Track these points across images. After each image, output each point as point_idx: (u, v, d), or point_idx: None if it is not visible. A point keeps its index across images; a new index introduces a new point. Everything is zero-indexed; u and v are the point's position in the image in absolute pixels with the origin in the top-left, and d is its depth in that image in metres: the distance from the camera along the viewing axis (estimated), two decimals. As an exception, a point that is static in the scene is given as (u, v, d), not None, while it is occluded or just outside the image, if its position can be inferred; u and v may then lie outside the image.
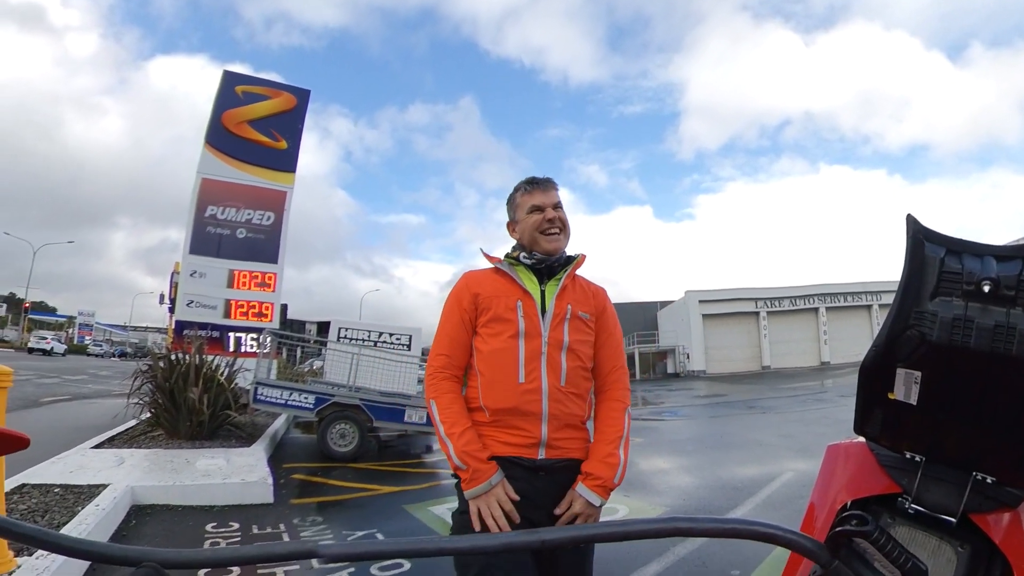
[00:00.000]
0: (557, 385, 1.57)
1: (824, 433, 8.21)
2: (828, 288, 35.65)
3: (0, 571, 2.65)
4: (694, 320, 34.60)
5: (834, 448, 0.92)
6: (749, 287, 35.96)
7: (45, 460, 5.23)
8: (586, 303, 1.70)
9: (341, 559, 0.62)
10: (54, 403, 11.87)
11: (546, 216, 1.69)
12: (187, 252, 10.51)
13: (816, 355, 34.70)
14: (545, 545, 0.62)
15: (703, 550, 3.42)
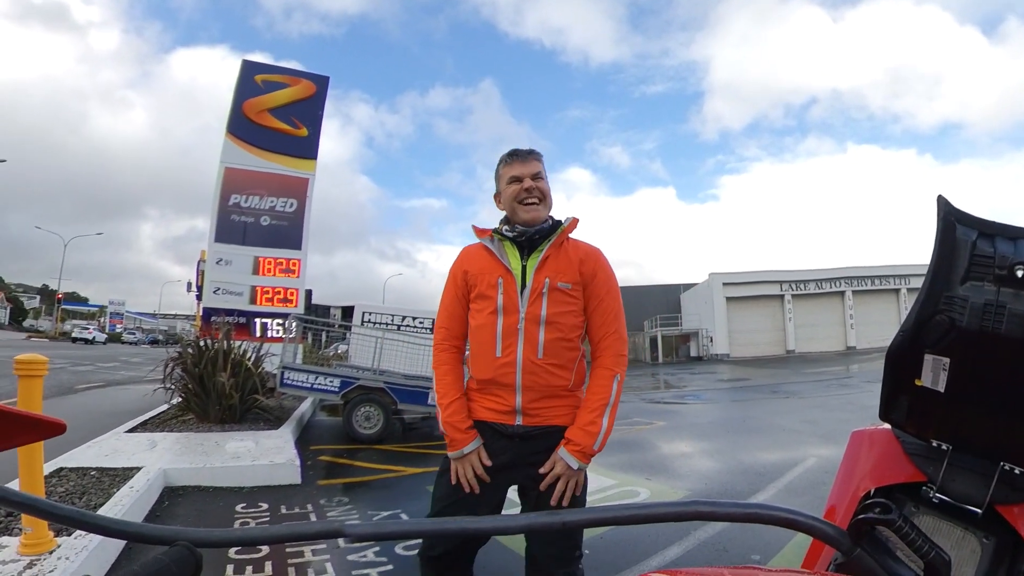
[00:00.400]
0: (533, 358, 1.66)
1: (848, 419, 8.11)
2: (855, 271, 34.88)
3: (41, 550, 2.75)
4: (718, 303, 34.19)
5: (859, 434, 0.91)
6: (774, 269, 35.37)
7: (81, 444, 5.40)
8: (569, 272, 1.72)
9: (366, 538, 0.63)
10: (88, 390, 12.23)
11: (524, 186, 1.73)
12: (213, 240, 10.67)
13: (842, 340, 34.11)
14: (566, 526, 0.62)
15: (724, 534, 3.42)
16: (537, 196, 1.74)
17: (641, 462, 5.75)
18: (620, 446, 6.64)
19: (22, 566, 2.62)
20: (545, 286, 1.69)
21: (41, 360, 2.90)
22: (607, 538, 3.43)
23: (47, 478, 3.98)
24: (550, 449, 1.67)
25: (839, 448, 0.88)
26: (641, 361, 36.86)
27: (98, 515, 0.60)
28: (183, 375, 7.06)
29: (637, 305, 40.11)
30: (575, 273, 1.73)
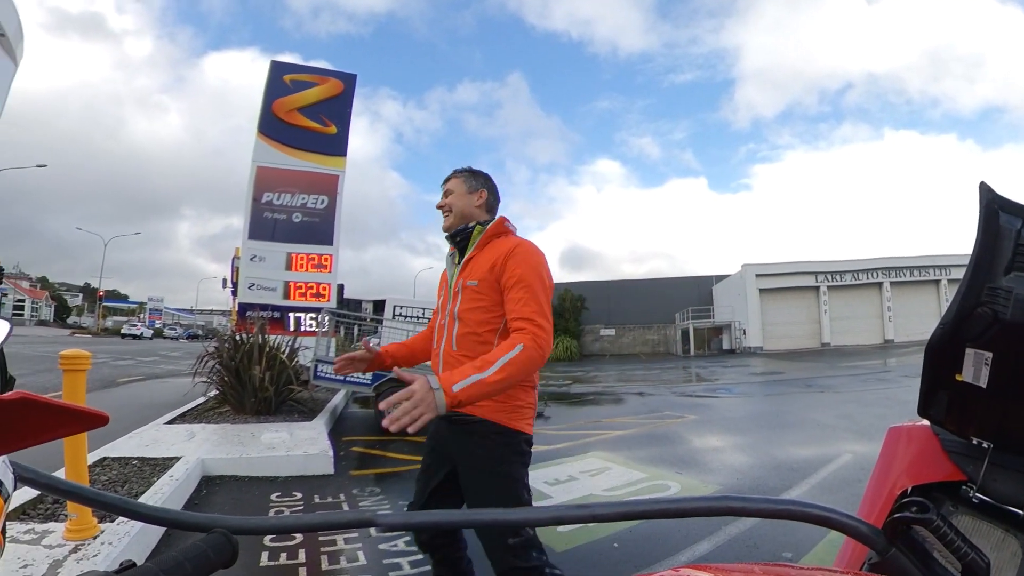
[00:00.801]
0: (450, 350, 1.89)
1: (885, 415, 7.90)
2: (893, 262, 33.70)
3: (85, 535, 2.87)
4: (751, 295, 33.54)
5: (896, 431, 0.88)
6: (809, 260, 34.45)
7: (123, 435, 5.59)
8: (479, 271, 1.86)
9: (398, 528, 0.64)
10: (129, 383, 12.64)
11: (438, 203, 2.05)
12: (246, 237, 10.90)
13: (879, 332, 33.12)
14: (597, 519, 0.62)
15: (755, 530, 3.38)
16: (446, 209, 2.02)
17: (672, 456, 5.71)
18: (651, 439, 6.60)
19: (68, 550, 2.73)
20: (460, 286, 1.90)
21: (84, 355, 3.01)
22: (636, 532, 3.42)
23: (91, 467, 4.13)
24: (461, 441, 1.84)
25: (875, 444, 0.86)
26: (672, 354, 36.49)
27: (139, 503, 0.62)
28: (220, 369, 7.24)
29: (668, 297, 39.66)
30: (485, 271, 1.84)
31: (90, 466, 3.89)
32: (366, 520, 0.64)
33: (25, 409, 0.31)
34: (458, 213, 2.00)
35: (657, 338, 40.32)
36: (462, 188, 2.02)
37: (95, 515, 2.98)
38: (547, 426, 7.76)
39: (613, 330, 40.61)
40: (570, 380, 16.92)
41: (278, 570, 2.89)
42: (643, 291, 41.39)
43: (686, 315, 36.63)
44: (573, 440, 6.62)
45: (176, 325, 70.21)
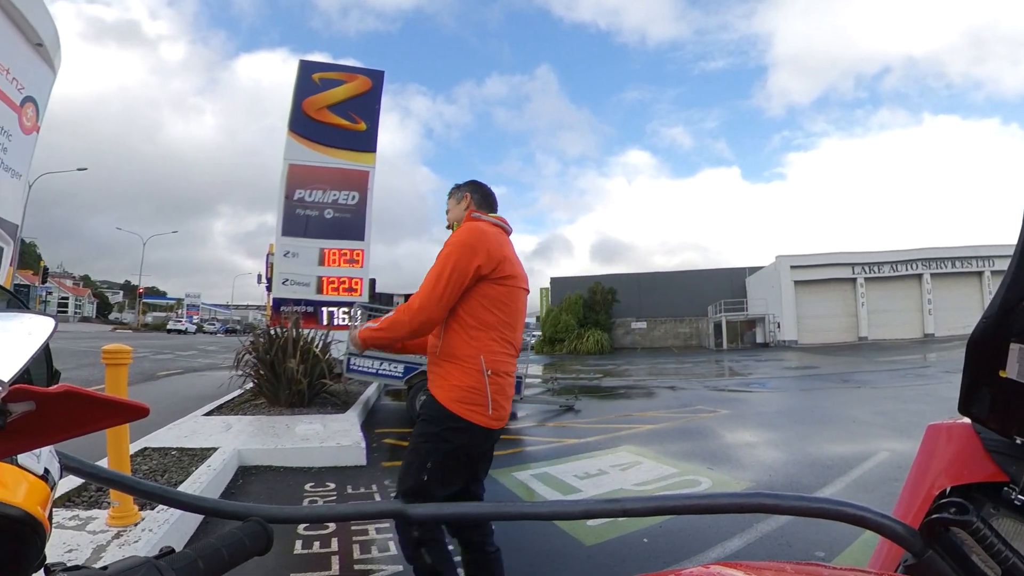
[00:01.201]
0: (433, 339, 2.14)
1: (924, 412, 7.67)
2: (933, 252, 32.48)
3: (127, 522, 2.97)
4: (785, 287, 32.82)
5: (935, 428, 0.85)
6: (845, 251, 33.54)
7: (163, 427, 5.76)
8: None
9: (428, 519, 0.65)
10: (168, 376, 13.03)
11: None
12: (280, 234, 11.10)
13: (919, 326, 32.10)
14: (626, 513, 0.62)
15: (787, 528, 3.32)
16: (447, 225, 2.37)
17: (703, 451, 5.65)
18: (682, 434, 6.54)
19: (110, 536, 2.84)
20: None
21: (126, 350, 3.11)
22: (667, 527, 3.40)
23: (132, 457, 4.27)
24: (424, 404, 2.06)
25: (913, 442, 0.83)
26: (705, 347, 36.02)
27: (178, 491, 0.64)
28: (256, 362, 7.40)
29: (700, 290, 39.11)
30: None
31: (131, 456, 4.03)
32: (397, 511, 0.65)
33: (70, 402, 0.32)
34: (453, 221, 2.33)
35: (689, 331, 39.84)
36: (452, 203, 2.33)
37: (136, 503, 3.09)
38: (578, 420, 7.75)
39: (644, 323, 40.26)
40: (601, 374, 16.85)
41: (311, 558, 2.95)
42: (675, 283, 40.90)
43: (719, 308, 36.05)
44: (604, 434, 6.60)
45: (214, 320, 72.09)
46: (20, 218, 3.41)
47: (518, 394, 7.83)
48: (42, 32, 3.28)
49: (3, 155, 3.10)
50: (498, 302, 2.00)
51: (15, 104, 3.18)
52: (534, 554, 3.09)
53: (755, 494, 0.59)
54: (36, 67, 3.34)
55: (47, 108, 3.58)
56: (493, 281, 1.99)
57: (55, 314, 0.57)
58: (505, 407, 2.05)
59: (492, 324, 1.99)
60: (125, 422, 0.37)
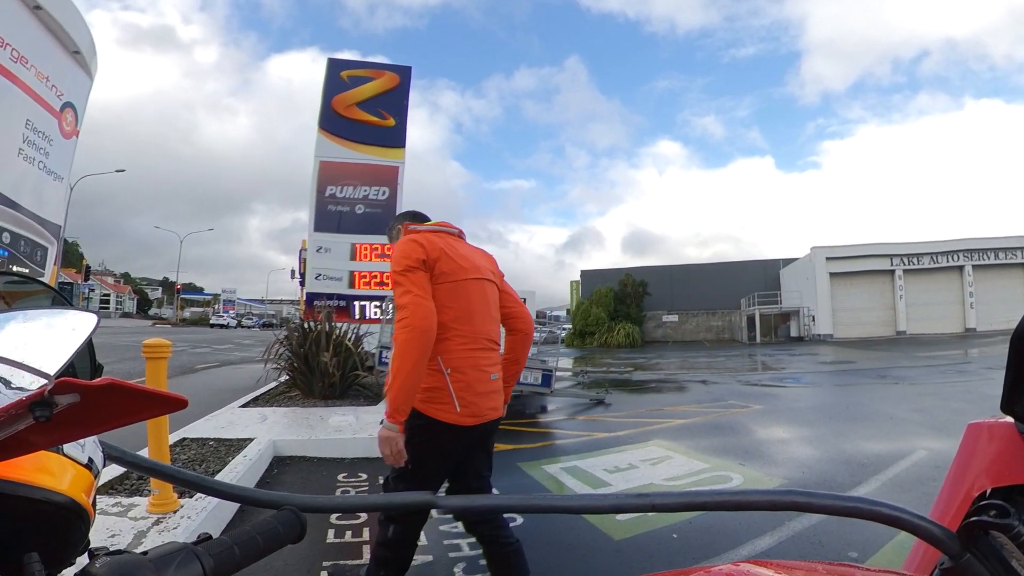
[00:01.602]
0: None
1: (965, 409, 7.42)
2: (975, 243, 31.18)
3: (166, 510, 3.08)
4: (820, 279, 32.01)
5: (976, 427, 0.82)
6: (883, 242, 32.46)
7: (201, 418, 5.93)
8: None
9: (457, 511, 0.66)
10: (206, 369, 13.38)
11: None
12: (312, 230, 11.30)
13: (960, 320, 30.96)
14: (656, 508, 0.62)
15: (820, 527, 3.25)
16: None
17: (735, 446, 5.57)
18: (714, 429, 6.46)
19: (151, 522, 2.94)
20: None
21: (165, 344, 3.21)
22: (697, 523, 3.37)
23: (172, 447, 4.40)
24: None
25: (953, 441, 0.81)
26: (737, 341, 35.46)
27: (215, 480, 0.66)
28: (290, 355, 7.56)
29: (733, 282, 38.49)
30: None
31: (171, 446, 4.16)
32: (427, 502, 0.65)
33: (112, 394, 0.33)
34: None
35: (721, 324, 39.28)
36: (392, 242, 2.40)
37: (175, 491, 3.19)
38: (608, 414, 7.72)
39: (676, 316, 39.84)
40: (632, 367, 16.74)
41: (343, 547, 3.01)
42: (707, 276, 40.33)
43: (752, 301, 35.43)
44: (634, 428, 6.56)
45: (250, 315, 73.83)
46: (62, 219, 3.54)
47: (548, 387, 7.81)
48: (79, 40, 3.39)
49: (45, 159, 3.22)
50: (446, 300, 2.01)
51: (55, 110, 3.30)
52: (562, 547, 3.10)
53: (787, 491, 0.58)
54: (74, 74, 3.46)
55: (85, 113, 3.70)
56: (434, 283, 2.01)
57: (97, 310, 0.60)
58: (479, 403, 2.02)
59: (445, 323, 1.98)
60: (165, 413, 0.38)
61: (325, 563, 2.83)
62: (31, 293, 0.68)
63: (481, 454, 2.18)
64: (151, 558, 0.45)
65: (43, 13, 3.02)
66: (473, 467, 2.16)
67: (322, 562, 2.83)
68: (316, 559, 2.87)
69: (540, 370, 7.78)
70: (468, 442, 2.06)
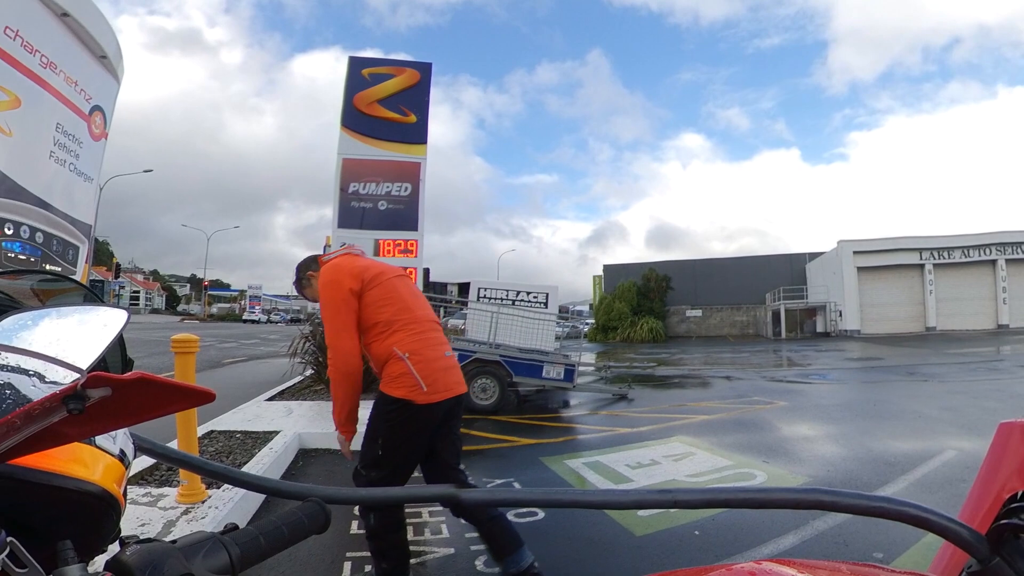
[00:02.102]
0: None
1: (996, 409, 7.22)
2: (1009, 236, 30.16)
3: (195, 500, 3.15)
4: (848, 274, 31.38)
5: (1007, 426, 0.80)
6: (912, 236, 31.67)
7: (228, 411, 6.05)
8: None
9: (480, 504, 0.66)
10: (233, 364, 13.63)
11: None
12: (336, 227, 11.39)
13: (992, 316, 30.12)
14: (678, 505, 0.61)
15: (845, 527, 3.20)
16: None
17: (759, 443, 5.51)
18: (737, 425, 6.40)
19: (179, 512, 3.02)
20: None
21: (193, 339, 3.28)
22: (719, 520, 3.34)
23: (200, 439, 4.50)
24: None
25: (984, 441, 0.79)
26: (762, 336, 35.00)
27: (242, 472, 0.67)
28: (315, 350, 7.65)
29: (758, 276, 38.00)
30: None
31: (199, 438, 4.25)
32: (450, 495, 0.66)
33: (143, 387, 0.34)
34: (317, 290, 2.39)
35: (746, 319, 38.82)
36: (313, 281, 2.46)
37: (203, 482, 3.27)
38: (631, 409, 7.69)
39: (700, 311, 39.48)
40: (655, 362, 16.63)
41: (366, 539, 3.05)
42: (731, 270, 39.84)
43: (777, 295, 34.91)
44: (657, 423, 6.52)
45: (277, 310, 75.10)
46: (93, 218, 3.62)
47: (571, 382, 7.80)
48: (105, 45, 3.46)
49: (76, 161, 3.31)
50: (382, 300, 2.27)
51: (84, 113, 3.38)
52: (583, 542, 3.10)
53: (812, 490, 0.58)
54: (101, 78, 3.54)
55: (113, 115, 3.79)
56: (368, 289, 2.27)
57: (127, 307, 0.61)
58: (443, 379, 2.26)
59: (389, 319, 2.26)
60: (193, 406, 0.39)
61: (348, 554, 2.86)
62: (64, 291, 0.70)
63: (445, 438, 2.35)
64: (180, 547, 0.47)
65: (71, 20, 3.09)
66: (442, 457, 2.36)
67: (345, 553, 2.87)
68: (340, 550, 2.91)
69: (563, 365, 7.78)
70: (437, 419, 2.26)
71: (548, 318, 8.56)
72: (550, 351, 8.09)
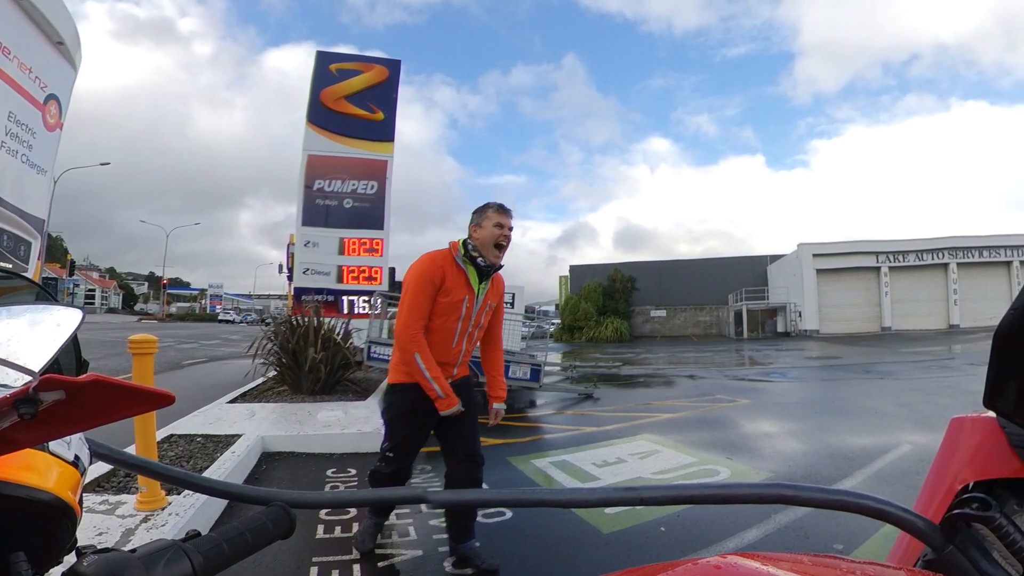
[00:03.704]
0: (468, 347, 2.75)
1: (948, 404, 7.53)
2: (960, 241, 31.65)
3: (154, 507, 3.05)
4: (807, 275, 32.33)
5: (959, 421, 0.83)
6: (869, 239, 32.88)
7: (188, 414, 5.88)
8: (496, 296, 2.77)
9: (447, 505, 0.66)
10: (193, 365, 13.26)
11: (504, 232, 2.60)
12: (300, 224, 11.22)
13: (944, 317, 31.44)
14: (644, 502, 0.62)
15: (806, 520, 3.29)
16: (507, 243, 2.62)
17: (722, 440, 5.62)
18: (701, 423, 6.51)
19: (138, 520, 2.92)
20: (487, 307, 2.72)
21: (151, 339, 3.18)
22: (685, 517, 3.40)
23: (159, 443, 4.37)
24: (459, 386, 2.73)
25: (936, 435, 0.82)
26: (725, 336, 35.71)
27: (203, 477, 0.65)
28: (278, 351, 7.51)
29: (721, 278, 38.73)
30: (498, 296, 2.79)
31: (158, 442, 4.12)
32: (417, 496, 0.65)
33: (98, 390, 0.33)
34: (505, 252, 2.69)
35: (709, 320, 39.53)
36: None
37: (163, 488, 3.16)
38: (597, 408, 7.75)
39: (664, 311, 40.04)
40: (620, 362, 16.81)
41: (333, 542, 3.00)
42: (695, 271, 40.54)
43: (739, 296, 35.69)
44: (623, 422, 6.59)
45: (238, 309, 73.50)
46: (46, 213, 3.49)
47: (537, 382, 7.83)
48: (62, 30, 3.33)
49: (28, 152, 3.17)
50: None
51: (39, 102, 3.24)
52: (552, 541, 3.12)
53: (774, 485, 0.59)
54: (58, 65, 3.40)
55: (69, 105, 3.65)
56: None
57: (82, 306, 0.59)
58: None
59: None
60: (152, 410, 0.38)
61: (315, 559, 2.82)
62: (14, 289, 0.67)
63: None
64: (139, 556, 0.45)
65: (26, 2, 2.96)
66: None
67: (312, 558, 2.83)
68: (306, 554, 2.86)
69: (529, 364, 7.80)
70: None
71: (515, 318, 8.58)
72: (516, 351, 8.11)
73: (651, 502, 0.62)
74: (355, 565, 2.76)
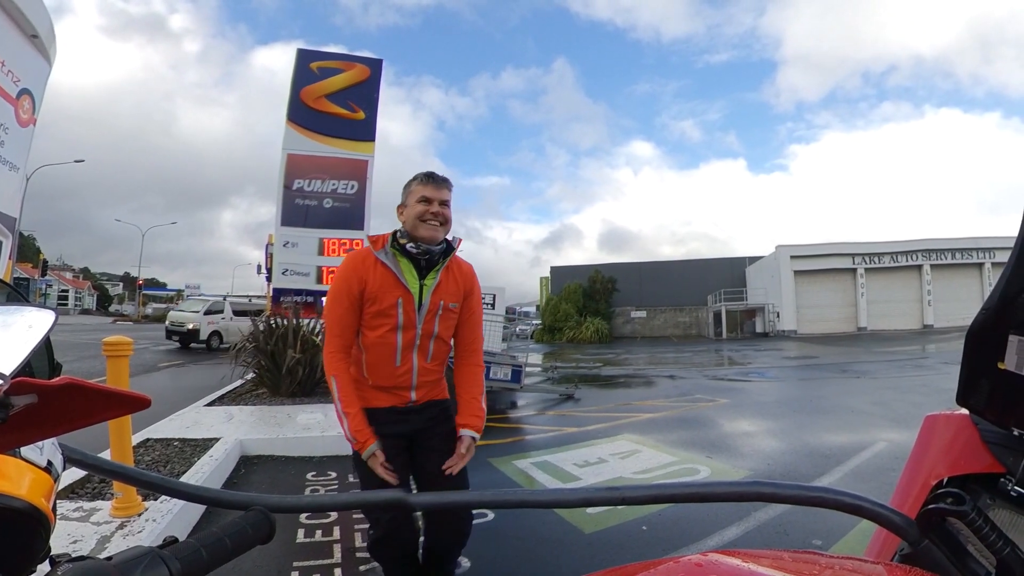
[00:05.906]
0: (424, 364, 2.02)
1: (922, 403, 7.69)
2: (934, 243, 32.47)
3: (130, 513, 2.99)
4: (785, 277, 32.82)
5: (932, 419, 0.85)
6: (846, 242, 33.50)
7: (165, 418, 5.78)
8: (456, 293, 2.03)
9: (428, 507, 0.65)
10: (170, 367, 13.04)
11: (430, 208, 1.92)
12: (279, 224, 11.08)
13: (918, 317, 32.14)
14: (625, 501, 0.62)
15: (785, 517, 3.34)
16: (440, 220, 1.94)
17: (703, 440, 5.67)
18: (681, 423, 6.57)
19: (114, 527, 2.86)
20: (440, 307, 1.98)
21: (127, 341, 3.12)
22: (666, 515, 3.42)
23: (135, 448, 4.28)
24: (433, 415, 2.09)
25: (911, 433, 0.84)
26: (704, 337, 36.05)
27: (181, 482, 0.64)
28: (256, 353, 7.41)
29: (700, 279, 39.11)
30: (460, 295, 2.04)
31: (134, 447, 4.04)
32: (398, 499, 0.65)
33: (72, 394, 0.32)
34: (447, 229, 1.99)
35: (689, 320, 39.88)
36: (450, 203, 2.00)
37: (139, 494, 3.10)
38: (577, 408, 7.78)
39: (644, 312, 40.31)
40: (600, 362, 16.88)
41: (313, 547, 2.98)
42: (675, 273, 40.90)
43: (718, 297, 36.06)
44: (604, 422, 6.62)
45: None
46: (18, 211, 3.40)
47: (518, 383, 7.83)
48: (37, 23, 3.25)
49: (0, 149, 3.09)
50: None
51: (11, 97, 3.16)
52: (534, 541, 3.12)
53: (753, 483, 0.60)
54: (32, 59, 3.32)
55: (43, 100, 3.57)
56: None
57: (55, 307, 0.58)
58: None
59: None
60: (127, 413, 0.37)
61: (296, 563, 2.79)
62: (-16, 289, 0.66)
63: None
64: (115, 564, 0.44)
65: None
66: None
67: (292, 563, 2.80)
68: (286, 560, 2.82)
69: (510, 366, 7.80)
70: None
71: (495, 319, 8.57)
72: (497, 352, 8.11)
73: (632, 501, 0.62)
74: (336, 569, 2.74)
